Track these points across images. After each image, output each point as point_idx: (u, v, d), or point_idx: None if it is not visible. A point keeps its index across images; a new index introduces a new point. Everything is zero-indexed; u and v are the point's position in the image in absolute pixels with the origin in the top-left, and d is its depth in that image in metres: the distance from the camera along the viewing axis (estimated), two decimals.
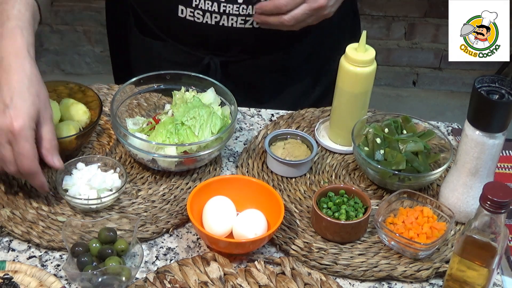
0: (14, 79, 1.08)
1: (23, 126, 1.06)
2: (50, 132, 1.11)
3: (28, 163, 1.08)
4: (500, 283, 1.14)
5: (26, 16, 1.13)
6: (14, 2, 1.13)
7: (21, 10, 1.13)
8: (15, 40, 1.10)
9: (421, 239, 1.14)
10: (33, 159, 1.09)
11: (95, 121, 1.27)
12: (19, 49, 1.10)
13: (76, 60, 3.20)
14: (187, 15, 1.38)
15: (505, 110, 1.09)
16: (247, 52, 1.47)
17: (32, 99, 1.08)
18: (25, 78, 1.09)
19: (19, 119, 1.06)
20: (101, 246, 1.10)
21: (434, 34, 3.10)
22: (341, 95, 1.32)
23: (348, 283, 1.13)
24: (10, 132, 1.06)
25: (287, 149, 1.32)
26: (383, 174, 1.24)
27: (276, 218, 1.15)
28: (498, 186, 0.99)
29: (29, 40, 1.12)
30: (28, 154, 1.08)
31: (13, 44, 1.10)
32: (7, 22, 1.11)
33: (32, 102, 1.08)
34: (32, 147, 1.08)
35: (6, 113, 1.06)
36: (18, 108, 1.07)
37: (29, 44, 1.12)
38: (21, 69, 1.09)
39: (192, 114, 1.25)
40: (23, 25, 1.12)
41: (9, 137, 1.07)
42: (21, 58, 1.10)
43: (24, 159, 1.08)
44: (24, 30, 1.12)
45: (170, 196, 1.24)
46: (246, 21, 1.37)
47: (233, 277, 1.10)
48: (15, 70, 1.09)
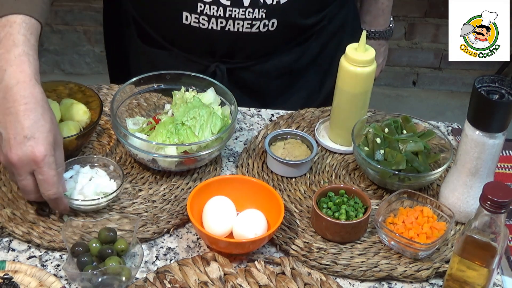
0: (28, 109, 1.07)
1: (47, 153, 1.06)
2: (61, 156, 1.11)
3: (54, 190, 1.09)
4: (500, 283, 1.14)
5: (32, 42, 1.12)
6: (19, 27, 1.11)
7: (26, 35, 1.11)
8: (23, 68, 1.09)
9: (421, 239, 1.14)
10: (58, 185, 1.09)
11: (95, 121, 1.27)
12: (28, 77, 1.09)
13: (76, 60, 3.20)
14: (192, 21, 1.36)
15: (505, 110, 1.09)
16: (253, 57, 1.46)
17: (48, 126, 1.08)
18: (38, 107, 1.08)
19: (42, 148, 1.06)
20: (101, 246, 1.10)
21: (434, 34, 3.10)
22: (341, 95, 1.32)
23: (348, 283, 1.13)
24: (33, 161, 1.06)
25: (287, 149, 1.32)
26: (383, 174, 1.24)
27: (276, 218, 1.15)
28: (498, 186, 0.99)
29: (36, 66, 1.11)
30: (54, 181, 1.08)
31: (21, 72, 1.09)
32: (14, 49, 1.09)
33: (49, 130, 1.08)
34: (56, 173, 1.08)
35: (26, 144, 1.06)
36: (38, 137, 1.06)
37: (36, 71, 1.11)
38: (33, 97, 1.08)
39: (192, 114, 1.25)
40: (30, 52, 1.11)
41: (32, 167, 1.07)
42: (31, 86, 1.08)
43: (49, 187, 1.08)
44: (30, 57, 1.10)
45: (171, 196, 1.24)
46: (252, 25, 1.36)
47: (233, 277, 1.10)
48: (27, 99, 1.07)
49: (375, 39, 1.63)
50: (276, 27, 1.37)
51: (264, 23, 1.36)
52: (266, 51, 1.45)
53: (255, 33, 1.37)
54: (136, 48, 1.52)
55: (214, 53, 1.44)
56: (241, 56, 1.45)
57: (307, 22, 1.44)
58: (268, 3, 1.33)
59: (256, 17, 1.35)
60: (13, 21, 1.11)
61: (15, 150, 1.06)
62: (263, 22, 1.36)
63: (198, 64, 1.46)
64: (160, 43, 1.47)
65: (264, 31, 1.37)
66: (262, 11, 1.34)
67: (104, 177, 1.22)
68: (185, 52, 1.46)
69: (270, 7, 1.34)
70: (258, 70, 1.48)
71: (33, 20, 1.13)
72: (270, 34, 1.38)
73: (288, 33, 1.43)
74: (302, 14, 1.41)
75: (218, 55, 1.44)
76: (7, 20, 1.11)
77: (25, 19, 1.12)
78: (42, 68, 1.12)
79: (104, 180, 1.21)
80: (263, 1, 1.33)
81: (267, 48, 1.44)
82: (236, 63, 1.46)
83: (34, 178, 1.09)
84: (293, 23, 1.41)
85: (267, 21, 1.36)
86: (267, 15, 1.35)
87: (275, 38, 1.41)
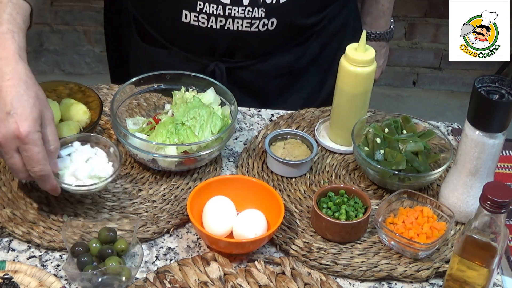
0: (10, 85, 1.05)
1: (30, 130, 1.04)
2: (52, 133, 1.09)
3: (39, 167, 1.06)
4: (500, 283, 1.14)
5: (17, 20, 1.11)
6: (5, 6, 1.11)
7: (12, 14, 1.11)
8: (6, 45, 1.08)
9: (421, 239, 1.14)
10: (44, 162, 1.06)
11: (95, 121, 1.27)
12: (11, 54, 1.07)
13: (76, 60, 3.20)
14: (191, 20, 1.37)
15: (505, 110, 1.09)
16: (252, 56, 1.46)
17: (32, 101, 1.05)
18: (21, 82, 1.06)
19: (25, 124, 1.03)
20: (101, 246, 1.10)
21: (434, 34, 3.10)
22: (341, 95, 1.32)
23: (348, 283, 1.13)
24: (18, 138, 1.04)
25: (287, 149, 1.32)
26: (383, 174, 1.24)
27: (276, 218, 1.15)
28: (498, 186, 0.99)
29: (20, 44, 1.09)
30: (39, 158, 1.05)
31: (4, 49, 1.07)
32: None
33: (33, 104, 1.05)
34: (41, 150, 1.05)
35: (9, 120, 1.03)
36: (21, 113, 1.04)
37: (20, 48, 1.09)
38: (15, 73, 1.06)
39: (192, 114, 1.25)
40: (14, 30, 1.09)
41: (17, 144, 1.04)
42: (14, 63, 1.07)
43: (34, 164, 1.06)
44: (15, 34, 1.09)
45: (171, 196, 1.24)
46: (251, 24, 1.36)
47: (233, 277, 1.10)
48: (9, 75, 1.06)
49: (375, 40, 1.63)
50: (275, 26, 1.37)
51: (264, 22, 1.36)
52: (266, 51, 1.45)
53: (255, 32, 1.37)
54: (136, 47, 1.52)
55: (214, 52, 1.44)
56: (240, 55, 1.45)
57: (307, 22, 1.44)
58: (267, 2, 1.33)
59: (255, 16, 1.35)
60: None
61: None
62: (262, 21, 1.36)
63: (197, 63, 1.46)
64: (159, 42, 1.47)
65: (263, 30, 1.37)
66: (262, 10, 1.34)
67: (103, 158, 1.19)
68: (184, 51, 1.46)
69: (269, 6, 1.34)
70: (257, 69, 1.48)
71: (20, 0, 1.12)
72: (270, 33, 1.38)
73: (288, 33, 1.43)
74: (302, 14, 1.41)
75: (217, 54, 1.44)
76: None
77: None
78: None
79: (102, 162, 1.19)
80: (262, 0, 1.33)
81: (266, 48, 1.44)
82: (236, 62, 1.46)
83: (21, 155, 1.06)
84: (293, 22, 1.41)
85: (266, 20, 1.36)
86: (266, 14, 1.35)
87: (274, 38, 1.41)
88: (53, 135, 1.09)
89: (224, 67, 1.45)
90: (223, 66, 1.45)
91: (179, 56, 1.46)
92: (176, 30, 1.41)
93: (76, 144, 1.20)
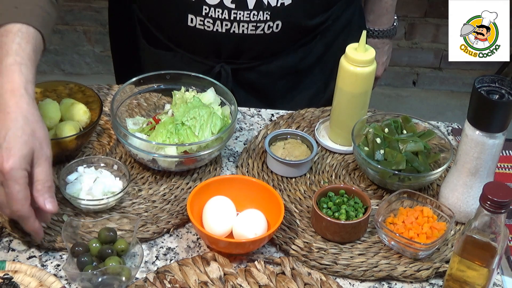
0: (8, 118, 1.03)
1: (13, 166, 1.00)
2: (44, 172, 1.04)
3: (17, 206, 1.02)
4: (500, 283, 1.14)
5: (27, 51, 1.08)
6: (14, 36, 1.08)
7: (21, 44, 1.08)
8: (13, 78, 1.05)
9: (421, 239, 1.14)
10: (23, 202, 1.02)
11: (95, 121, 1.27)
12: (16, 87, 1.05)
13: (76, 60, 3.20)
14: (197, 24, 1.37)
15: (505, 110, 1.09)
16: (258, 58, 1.46)
17: (25, 138, 1.02)
18: (19, 117, 1.03)
19: (10, 159, 1.00)
20: (101, 246, 1.10)
21: (434, 34, 3.10)
22: (341, 95, 1.32)
23: (348, 283, 1.13)
24: (1, 173, 1.01)
25: (287, 149, 1.32)
26: (383, 174, 1.24)
27: (276, 218, 1.15)
28: (498, 186, 0.99)
29: (28, 77, 1.07)
30: (17, 197, 1.01)
31: (10, 82, 1.05)
32: (5, 58, 1.06)
33: (25, 142, 1.02)
34: (22, 189, 1.01)
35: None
36: (10, 148, 1.01)
37: (27, 81, 1.06)
38: (17, 107, 1.04)
39: (192, 114, 1.25)
40: (22, 61, 1.07)
41: (0, 179, 1.01)
42: (18, 97, 1.04)
43: (13, 202, 1.01)
44: (23, 66, 1.06)
45: (171, 196, 1.24)
46: (257, 27, 1.36)
47: (233, 277, 1.10)
48: (10, 109, 1.03)
49: (379, 37, 1.63)
50: (280, 28, 1.38)
51: (269, 24, 1.36)
52: (271, 52, 1.45)
53: (260, 34, 1.38)
54: (141, 50, 1.52)
55: (220, 54, 1.44)
56: (246, 57, 1.45)
57: (312, 22, 1.44)
58: (272, 5, 1.33)
59: (260, 19, 1.35)
60: (9, 30, 1.09)
61: None
62: (267, 24, 1.36)
63: (203, 64, 1.46)
64: (165, 44, 1.47)
65: (268, 33, 1.38)
66: (267, 13, 1.34)
67: (109, 176, 1.22)
68: (190, 53, 1.46)
69: (274, 9, 1.34)
70: (263, 70, 1.48)
71: (31, 29, 1.10)
72: (275, 35, 1.39)
73: (292, 34, 1.43)
74: (306, 15, 1.41)
75: (223, 56, 1.45)
76: (4, 30, 1.09)
77: (22, 28, 1.09)
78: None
79: (110, 180, 1.22)
80: (267, 3, 1.33)
81: (272, 49, 1.45)
82: (241, 63, 1.46)
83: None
84: (298, 24, 1.41)
85: (271, 22, 1.36)
86: (271, 17, 1.35)
87: (279, 39, 1.41)
88: (45, 175, 1.04)
89: (229, 69, 1.46)
90: (228, 68, 1.46)
91: (185, 58, 1.47)
92: (182, 34, 1.42)
93: (81, 169, 1.23)
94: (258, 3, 1.33)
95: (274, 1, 1.33)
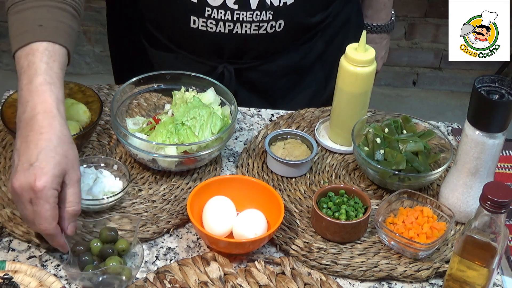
0: (42, 138, 1.03)
1: (46, 185, 1.01)
2: (75, 194, 1.06)
3: (45, 225, 1.03)
4: (500, 283, 1.14)
5: (55, 70, 1.08)
6: (41, 55, 1.08)
7: (49, 63, 1.08)
8: (44, 98, 1.06)
9: (421, 239, 1.14)
10: (51, 221, 1.03)
11: (95, 121, 1.27)
12: (49, 107, 1.05)
13: (76, 60, 3.20)
14: (200, 25, 1.37)
15: (505, 110, 1.09)
16: (260, 57, 1.46)
17: (58, 158, 1.03)
18: (53, 137, 1.04)
19: (42, 178, 1.01)
20: (102, 245, 1.10)
21: (434, 34, 3.10)
22: (341, 95, 1.32)
23: (348, 283, 1.13)
24: (32, 190, 1.01)
25: (287, 149, 1.32)
26: (383, 174, 1.24)
27: (276, 218, 1.15)
28: (498, 186, 0.99)
29: (58, 96, 1.07)
30: (46, 216, 1.02)
31: (42, 103, 1.05)
32: (35, 78, 1.07)
33: (58, 162, 1.03)
34: (51, 208, 1.02)
35: (30, 172, 1.01)
36: (42, 167, 1.01)
37: (58, 101, 1.07)
38: (51, 128, 1.04)
39: (192, 114, 1.25)
40: (51, 81, 1.07)
41: (30, 196, 1.02)
42: (51, 117, 1.05)
43: (41, 220, 1.03)
44: (53, 86, 1.07)
45: (171, 196, 1.24)
46: (260, 27, 1.37)
47: (233, 277, 1.10)
48: (44, 129, 1.04)
49: (377, 32, 1.63)
50: (283, 27, 1.38)
51: (271, 24, 1.37)
52: (273, 51, 1.46)
53: (263, 34, 1.38)
54: (142, 51, 1.52)
55: (222, 55, 1.44)
56: (248, 57, 1.45)
57: (313, 20, 1.45)
58: (275, 5, 1.34)
59: (263, 19, 1.35)
60: (36, 49, 1.09)
61: (18, 176, 1.02)
62: (270, 24, 1.37)
63: (205, 65, 1.46)
64: (167, 46, 1.47)
65: (271, 32, 1.38)
66: (269, 13, 1.35)
67: (109, 176, 1.23)
68: (192, 54, 1.46)
69: (277, 8, 1.34)
70: (265, 69, 1.49)
71: (56, 46, 1.10)
72: (277, 34, 1.39)
73: (294, 33, 1.43)
74: (308, 13, 1.41)
75: (225, 57, 1.45)
76: (30, 49, 1.09)
77: (48, 46, 1.09)
78: None
79: (110, 180, 1.22)
80: (270, 3, 1.33)
81: (274, 48, 1.45)
82: (244, 63, 1.46)
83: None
84: (300, 22, 1.41)
85: (274, 22, 1.36)
86: (274, 16, 1.35)
87: (282, 38, 1.41)
88: (75, 197, 1.06)
89: (232, 69, 1.46)
90: (231, 68, 1.46)
91: (187, 59, 1.47)
92: (184, 35, 1.41)
93: (81, 168, 1.21)
94: (261, 3, 1.33)
95: (276, 1, 1.33)
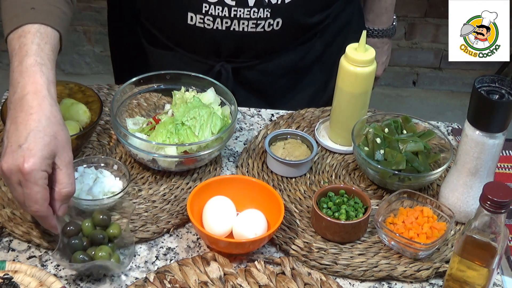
0: (31, 119, 1.02)
1: (33, 167, 1.00)
2: (67, 176, 1.04)
3: (36, 206, 1.02)
4: (500, 283, 1.14)
5: (46, 51, 1.08)
6: (33, 36, 1.08)
7: (40, 45, 1.08)
8: (35, 79, 1.05)
9: (421, 239, 1.14)
10: (42, 203, 1.02)
11: (95, 121, 1.27)
12: (39, 88, 1.05)
13: (76, 60, 3.20)
14: (197, 22, 1.36)
15: (505, 110, 1.09)
16: (258, 56, 1.46)
17: (47, 139, 1.02)
18: (43, 118, 1.03)
19: (30, 160, 1.00)
20: (94, 228, 1.11)
21: (434, 34, 3.10)
22: (341, 95, 1.32)
23: (348, 283, 1.13)
24: (20, 173, 1.00)
25: (287, 149, 1.32)
26: (383, 174, 1.24)
27: (276, 218, 1.15)
28: (498, 186, 0.99)
29: (49, 77, 1.06)
30: (36, 198, 1.01)
31: (32, 83, 1.04)
32: (25, 59, 1.06)
33: (47, 143, 1.02)
34: (40, 190, 1.01)
35: (18, 153, 1.00)
36: (31, 148, 1.00)
37: (49, 82, 1.06)
38: (40, 108, 1.03)
39: (192, 114, 1.25)
40: (42, 62, 1.06)
41: (19, 178, 1.01)
42: (40, 98, 1.04)
43: (31, 202, 1.02)
44: (43, 67, 1.06)
45: (171, 196, 1.24)
46: (257, 25, 1.36)
47: (233, 277, 1.10)
48: (33, 110, 1.03)
49: (378, 37, 1.63)
50: (281, 26, 1.38)
51: (269, 22, 1.36)
52: (271, 50, 1.45)
53: (260, 32, 1.38)
54: (141, 49, 1.52)
55: (220, 53, 1.44)
56: (246, 56, 1.45)
57: (312, 20, 1.44)
58: (272, 3, 1.33)
59: (261, 17, 1.35)
60: (27, 31, 1.09)
61: (6, 158, 1.01)
62: (268, 22, 1.36)
63: (203, 64, 1.46)
64: (165, 44, 1.47)
65: (269, 31, 1.38)
66: (267, 10, 1.34)
67: (109, 176, 1.23)
68: (190, 52, 1.46)
69: (275, 6, 1.34)
70: (263, 69, 1.48)
71: (49, 29, 1.10)
72: (275, 33, 1.39)
73: (293, 32, 1.43)
74: (306, 13, 1.41)
75: (223, 55, 1.44)
76: (22, 31, 1.09)
77: (40, 28, 1.09)
78: None
79: (110, 180, 1.22)
80: (267, 1, 1.33)
81: (272, 47, 1.45)
82: (241, 62, 1.46)
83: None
84: (298, 22, 1.41)
85: (272, 20, 1.36)
86: (272, 14, 1.35)
87: (280, 37, 1.41)
88: (67, 178, 1.04)
89: (230, 68, 1.46)
90: (229, 67, 1.46)
91: (185, 57, 1.47)
92: (182, 32, 1.41)
93: (81, 169, 1.22)
94: (259, 0, 1.33)
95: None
